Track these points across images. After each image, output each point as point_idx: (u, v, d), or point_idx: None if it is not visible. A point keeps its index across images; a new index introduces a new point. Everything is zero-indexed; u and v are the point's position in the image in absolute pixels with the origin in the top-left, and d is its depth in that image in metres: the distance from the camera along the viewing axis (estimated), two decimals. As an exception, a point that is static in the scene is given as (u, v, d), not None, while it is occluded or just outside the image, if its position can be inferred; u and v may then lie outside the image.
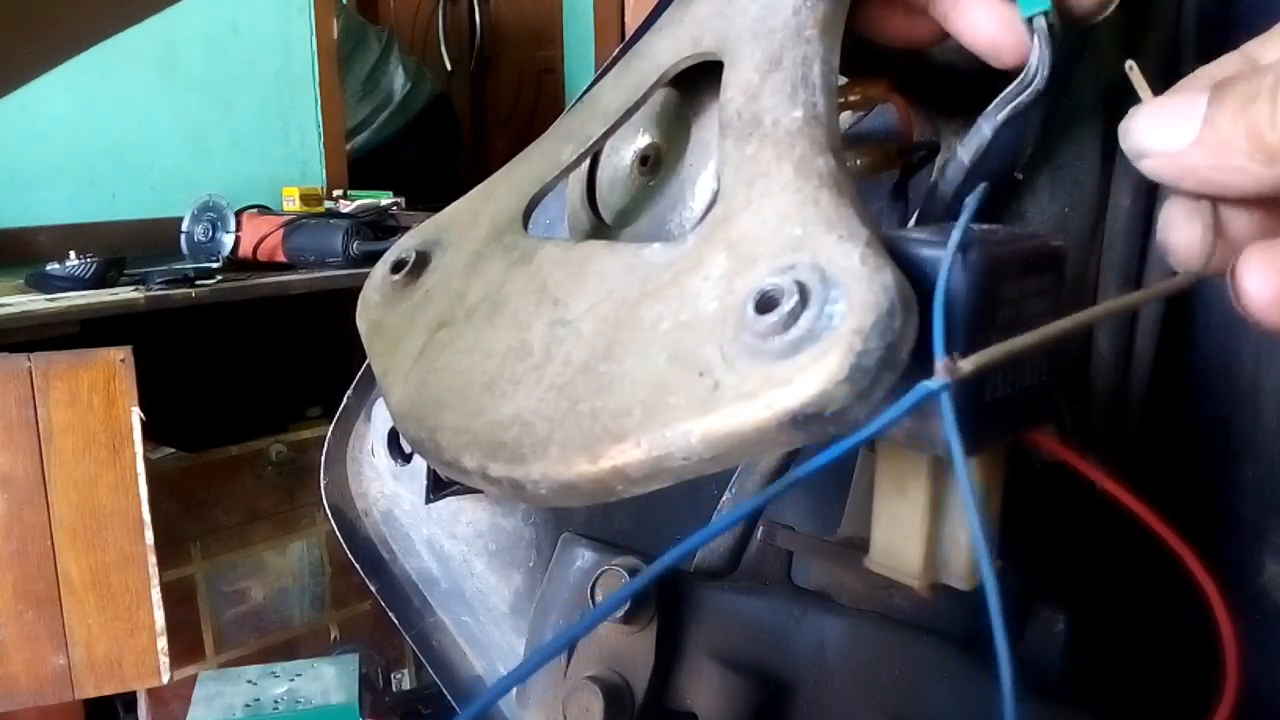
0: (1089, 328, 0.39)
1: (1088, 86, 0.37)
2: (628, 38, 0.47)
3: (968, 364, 0.22)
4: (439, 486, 0.55)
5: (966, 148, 0.33)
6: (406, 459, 0.57)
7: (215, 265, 1.89)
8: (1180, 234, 0.26)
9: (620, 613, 0.37)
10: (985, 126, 0.32)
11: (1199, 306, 0.39)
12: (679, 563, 0.41)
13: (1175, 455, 0.40)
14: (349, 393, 0.58)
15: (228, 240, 1.94)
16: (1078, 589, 0.37)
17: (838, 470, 0.41)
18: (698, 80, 0.35)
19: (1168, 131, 0.25)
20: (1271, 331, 0.25)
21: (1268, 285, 0.24)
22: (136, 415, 1.51)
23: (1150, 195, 0.37)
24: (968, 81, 0.36)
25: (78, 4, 0.26)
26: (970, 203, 0.26)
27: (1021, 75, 0.31)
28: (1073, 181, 0.39)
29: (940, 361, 0.22)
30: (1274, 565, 0.37)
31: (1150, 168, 0.26)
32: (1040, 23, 0.30)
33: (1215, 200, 0.26)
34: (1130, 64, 0.28)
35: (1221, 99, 0.24)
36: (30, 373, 1.46)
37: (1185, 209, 0.26)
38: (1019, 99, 0.31)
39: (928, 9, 0.32)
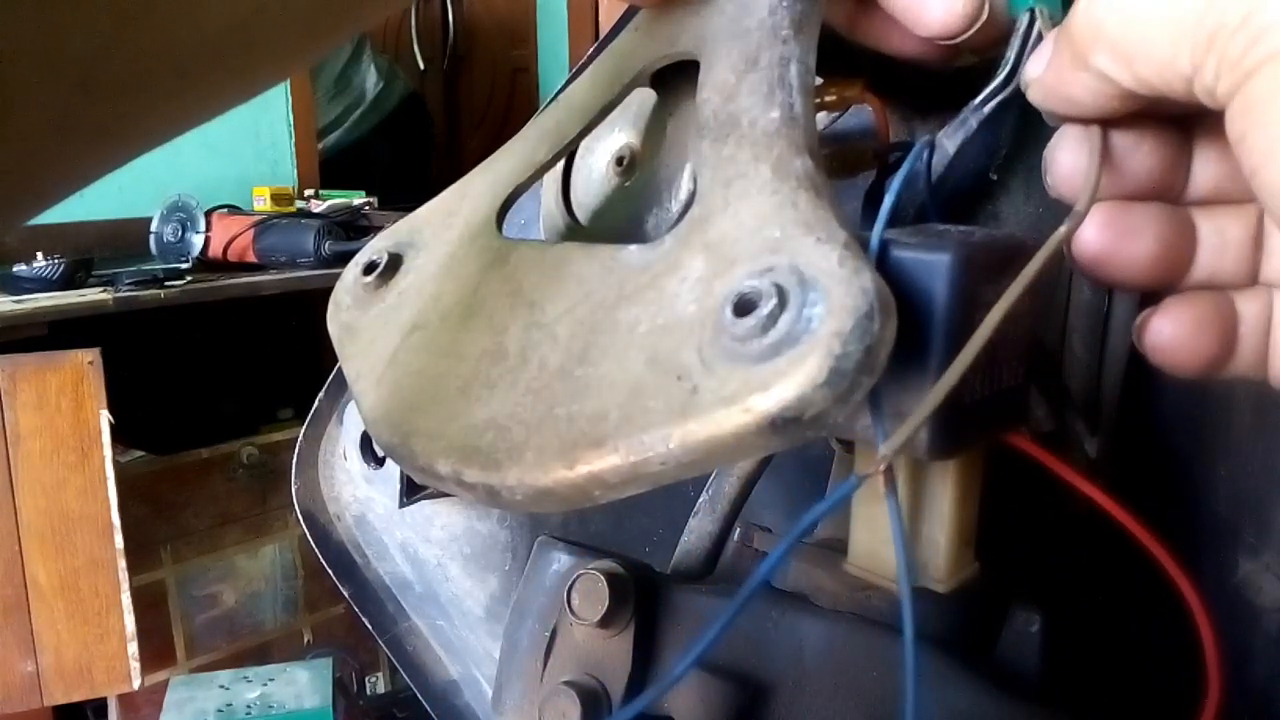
0: (1063, 327, 0.40)
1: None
2: (602, 37, 0.46)
3: (888, 450, 0.25)
4: (413, 491, 0.54)
5: (952, 138, 0.33)
6: (380, 463, 0.57)
7: (185, 266, 1.87)
8: (1064, 155, 0.27)
9: (596, 616, 0.37)
10: (972, 119, 0.33)
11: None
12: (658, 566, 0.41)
13: (1148, 454, 0.40)
14: (321, 395, 0.58)
15: (197, 240, 1.92)
16: (1053, 590, 0.37)
17: (814, 471, 0.41)
18: (674, 80, 0.35)
19: (1042, 59, 0.26)
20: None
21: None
22: (105, 418, 1.49)
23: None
24: (943, 82, 0.36)
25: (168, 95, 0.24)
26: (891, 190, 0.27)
27: (1010, 69, 0.31)
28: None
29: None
30: (1247, 564, 0.38)
31: (1031, 96, 0.27)
32: (1024, 20, 0.30)
33: (1096, 124, 0.26)
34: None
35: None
36: (-4, 375, 1.44)
37: (1073, 136, 0.27)
38: (1005, 92, 0.31)
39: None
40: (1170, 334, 0.27)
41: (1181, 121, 0.27)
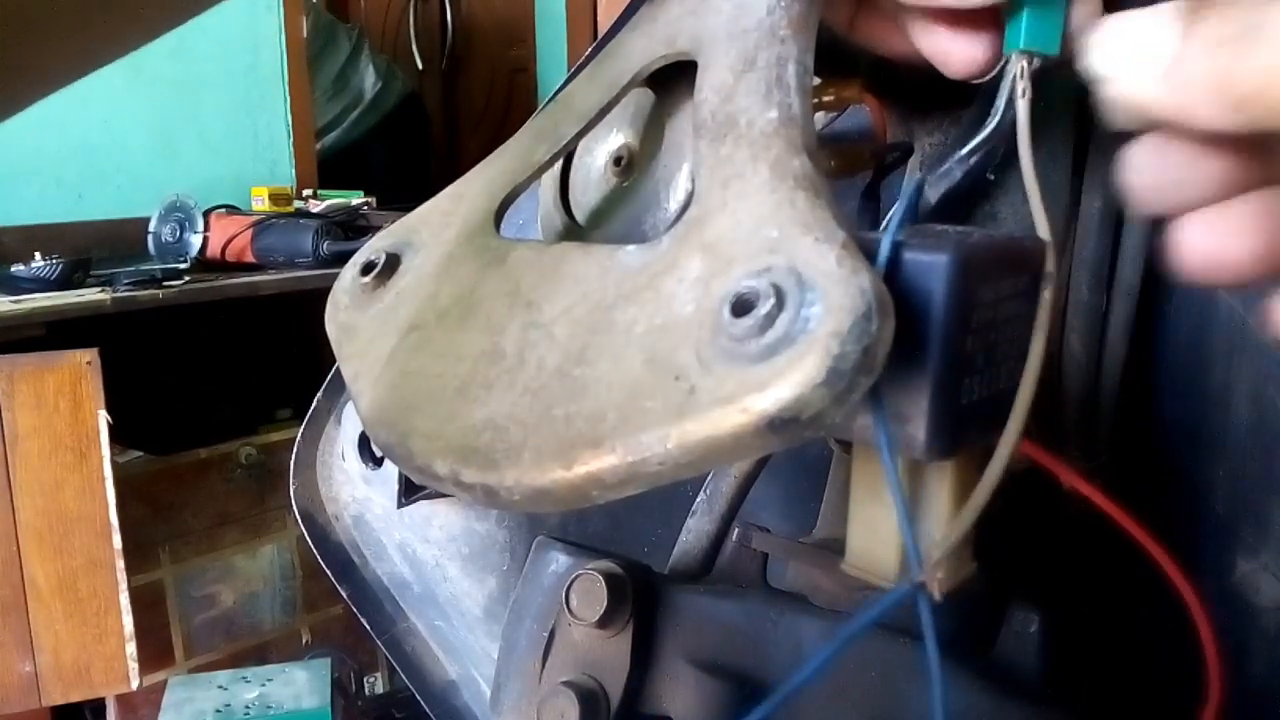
0: (1060, 327, 0.40)
1: (1058, 89, 0.37)
2: (600, 37, 0.46)
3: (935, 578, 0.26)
4: (411, 491, 0.54)
5: (935, 187, 0.33)
6: (378, 463, 0.57)
7: (183, 266, 1.86)
8: (1142, 175, 0.26)
9: (595, 617, 0.37)
10: (957, 169, 0.33)
11: (1170, 305, 0.39)
12: (655, 566, 0.41)
13: (1147, 454, 0.40)
14: (319, 395, 0.58)
15: (195, 240, 1.92)
16: (1052, 590, 0.37)
17: (812, 471, 0.41)
18: (672, 80, 0.35)
19: (1135, 62, 0.23)
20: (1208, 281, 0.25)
21: (1200, 241, 0.25)
22: (103, 418, 1.49)
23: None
24: (941, 83, 0.36)
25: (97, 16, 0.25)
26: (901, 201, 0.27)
27: (991, 116, 0.32)
28: (1044, 182, 0.39)
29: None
30: (1245, 563, 0.38)
31: (1112, 95, 0.24)
32: (1015, 66, 0.30)
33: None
34: None
35: (1194, 34, 0.23)
36: (-6, 376, 1.44)
37: (1153, 149, 0.25)
38: (992, 142, 0.32)
39: (894, 15, 0.32)
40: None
41: None
